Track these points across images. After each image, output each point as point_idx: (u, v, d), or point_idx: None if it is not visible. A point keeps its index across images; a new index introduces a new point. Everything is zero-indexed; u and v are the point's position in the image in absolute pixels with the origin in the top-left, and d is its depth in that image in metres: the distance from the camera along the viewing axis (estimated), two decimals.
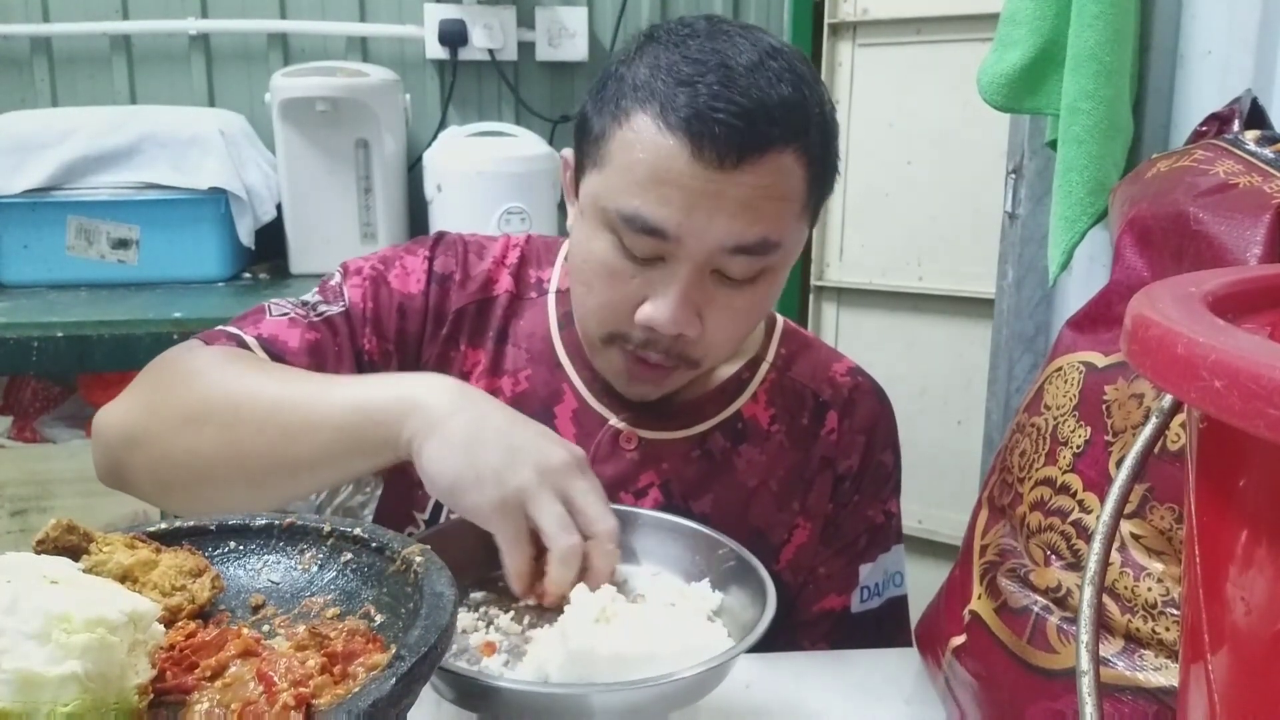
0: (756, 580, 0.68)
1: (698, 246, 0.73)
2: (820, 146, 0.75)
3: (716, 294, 0.76)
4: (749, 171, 0.71)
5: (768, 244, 0.74)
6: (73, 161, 1.75)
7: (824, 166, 0.77)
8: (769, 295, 0.80)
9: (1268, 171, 0.61)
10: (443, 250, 0.90)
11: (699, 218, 0.72)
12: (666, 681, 0.58)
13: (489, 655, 0.67)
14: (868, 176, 2.06)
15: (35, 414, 1.99)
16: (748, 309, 0.79)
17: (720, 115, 0.70)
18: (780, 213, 0.74)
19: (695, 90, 0.71)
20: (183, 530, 0.60)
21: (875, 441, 0.91)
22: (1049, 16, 1.05)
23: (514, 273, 0.91)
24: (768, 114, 0.71)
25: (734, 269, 0.75)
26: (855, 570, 0.90)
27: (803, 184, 0.75)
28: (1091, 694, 0.42)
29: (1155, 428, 0.43)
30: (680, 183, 0.71)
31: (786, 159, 0.73)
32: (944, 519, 2.06)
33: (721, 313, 0.77)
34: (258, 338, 0.83)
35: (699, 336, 0.77)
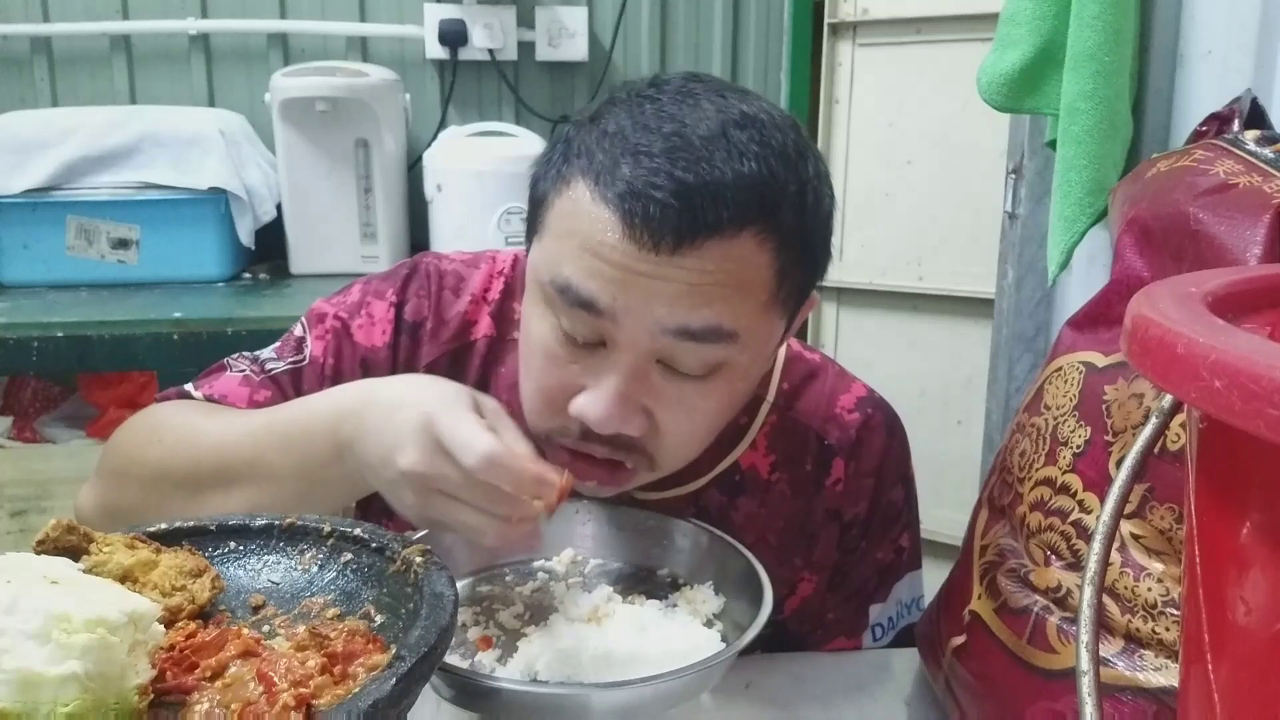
0: (758, 584, 0.68)
1: (636, 328, 0.64)
2: (795, 229, 0.65)
3: (666, 388, 0.66)
4: (690, 256, 0.62)
5: (720, 332, 0.64)
6: (73, 161, 1.75)
7: (801, 251, 0.66)
8: (732, 394, 0.69)
9: (1268, 171, 0.61)
10: (415, 290, 0.83)
11: (634, 298, 0.63)
12: (665, 681, 0.58)
13: (485, 650, 0.67)
14: (868, 176, 2.06)
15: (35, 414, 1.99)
16: (705, 409, 0.68)
17: (657, 194, 0.61)
18: (735, 301, 0.64)
19: (637, 162, 0.62)
20: (183, 530, 0.60)
21: (884, 482, 0.84)
22: (1049, 16, 1.05)
23: (495, 311, 0.83)
24: (715, 194, 0.61)
25: (683, 360, 0.65)
26: (865, 613, 0.85)
27: (769, 271, 0.65)
28: (1091, 694, 0.42)
29: (1155, 428, 0.43)
30: (613, 259, 0.63)
31: (743, 245, 0.63)
32: (944, 519, 2.06)
33: (674, 410, 0.67)
34: (208, 396, 0.80)
35: (648, 432, 0.68)
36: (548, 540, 0.79)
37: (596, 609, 0.68)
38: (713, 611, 0.70)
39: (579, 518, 0.80)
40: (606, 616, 0.67)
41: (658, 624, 0.66)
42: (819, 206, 0.67)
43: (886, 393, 0.94)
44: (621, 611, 0.68)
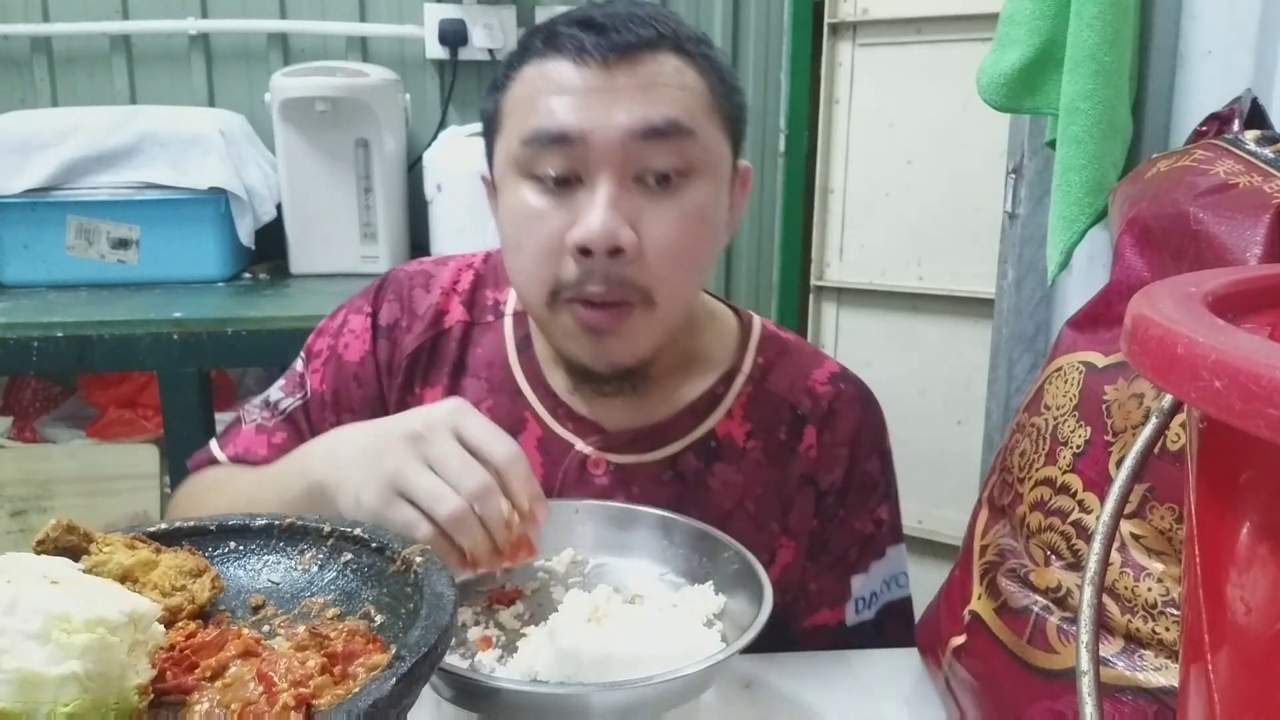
0: (758, 584, 0.68)
1: (607, 141, 0.72)
2: (710, 64, 0.77)
3: (645, 204, 0.74)
4: (636, 63, 0.73)
5: (679, 126, 0.73)
6: (73, 161, 1.75)
7: (720, 83, 0.77)
8: (703, 207, 0.76)
9: (1268, 171, 0.61)
10: (387, 296, 0.89)
11: (597, 112, 0.72)
12: (664, 680, 0.58)
13: (485, 650, 0.67)
14: (868, 176, 2.06)
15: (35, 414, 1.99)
16: (681, 218, 0.74)
17: (593, 25, 0.73)
18: (683, 100, 0.74)
19: (568, 21, 0.75)
20: (183, 530, 0.60)
21: (859, 451, 0.88)
22: (1048, 16, 1.05)
23: (466, 299, 0.89)
24: (640, 20, 0.74)
25: (654, 161, 0.73)
26: (847, 583, 0.88)
27: (700, 84, 0.75)
28: (1091, 694, 0.42)
29: (1155, 428, 0.43)
30: (570, 88, 0.73)
31: (672, 59, 0.74)
32: (944, 519, 2.06)
33: (656, 224, 0.74)
34: (232, 456, 0.88)
35: (637, 253, 0.73)
36: (548, 540, 0.79)
37: (596, 609, 0.68)
38: (713, 611, 0.70)
39: (579, 518, 0.80)
40: (606, 616, 0.67)
41: (658, 624, 0.66)
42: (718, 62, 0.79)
43: (886, 392, 0.95)
44: (621, 612, 0.68)
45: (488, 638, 0.69)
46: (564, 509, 0.80)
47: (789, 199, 2.22)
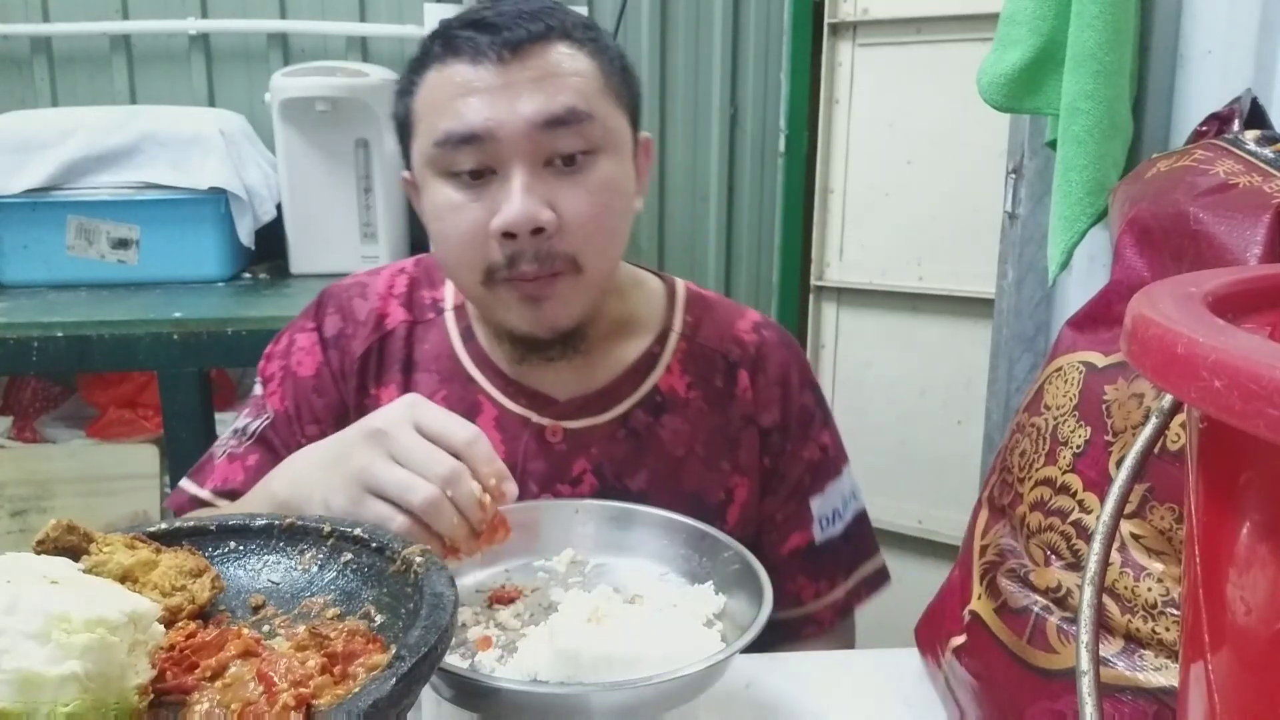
0: (758, 584, 0.68)
1: (513, 134, 0.77)
2: (594, 44, 0.82)
3: (559, 184, 0.79)
4: (529, 57, 0.78)
5: (578, 113, 0.78)
6: (73, 161, 1.75)
7: (610, 64, 0.83)
8: (611, 180, 0.82)
9: (1268, 171, 0.61)
10: (328, 310, 0.94)
11: (501, 108, 0.77)
12: (664, 681, 0.58)
13: (485, 650, 0.67)
14: (868, 176, 2.06)
15: (35, 414, 1.99)
16: (592, 191, 0.80)
17: (485, 25, 0.79)
18: (578, 86, 0.79)
19: (462, 24, 0.80)
20: (183, 530, 0.60)
21: (790, 389, 0.95)
22: (1049, 16, 1.05)
23: (405, 301, 0.94)
24: (528, 15, 0.79)
25: (560, 146, 0.79)
26: (807, 506, 0.94)
27: (592, 68, 0.81)
28: (1091, 694, 0.42)
29: (1155, 428, 0.43)
30: (472, 89, 0.78)
31: (564, 47, 0.80)
32: (944, 519, 2.06)
33: (570, 200, 0.79)
34: (213, 491, 0.90)
35: (558, 228, 0.79)
36: (548, 540, 0.79)
37: (596, 609, 0.68)
38: (713, 611, 0.70)
39: (579, 518, 0.80)
40: (606, 616, 0.67)
41: (658, 624, 0.66)
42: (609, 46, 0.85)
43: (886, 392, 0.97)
44: (621, 612, 0.68)
45: (487, 638, 0.69)
46: (564, 509, 0.80)
47: (789, 199, 2.22)
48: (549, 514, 0.80)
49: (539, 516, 0.80)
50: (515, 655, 0.66)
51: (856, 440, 2.12)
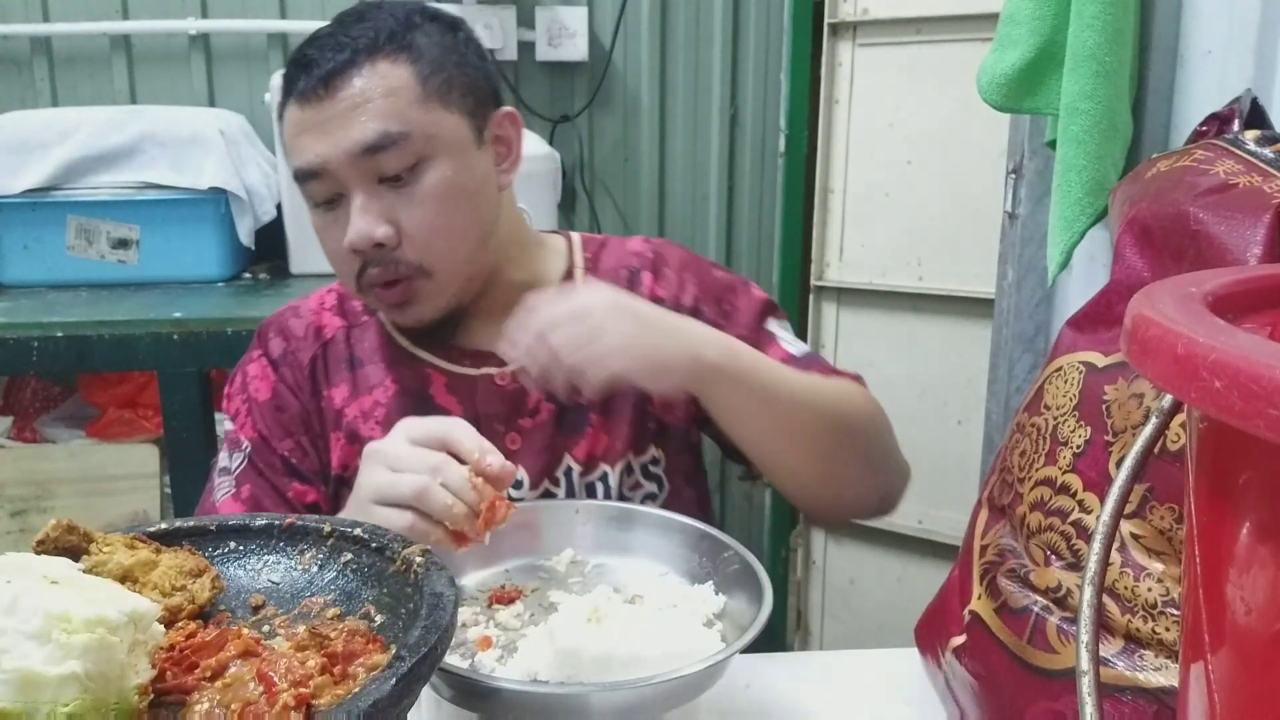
0: (757, 584, 0.68)
1: (341, 163, 0.84)
2: (409, 50, 0.86)
3: (394, 199, 0.86)
4: (339, 89, 0.84)
5: (389, 136, 0.84)
6: (73, 161, 1.75)
7: (438, 63, 0.87)
8: (446, 183, 0.87)
9: (1268, 171, 0.61)
10: (269, 336, 1.00)
11: (325, 143, 0.84)
12: (664, 681, 0.58)
13: (484, 650, 0.67)
14: (868, 176, 2.06)
15: (35, 414, 1.99)
16: (426, 200, 0.86)
17: (302, 65, 0.85)
18: (388, 109, 0.84)
19: (292, 63, 0.87)
20: (183, 530, 0.60)
21: (692, 271, 1.00)
22: (1048, 16, 1.05)
23: (337, 311, 1.00)
24: (336, 46, 0.85)
25: (384, 167, 0.84)
26: (766, 327, 0.99)
27: (408, 78, 0.85)
28: (1091, 694, 0.42)
29: (1155, 428, 0.43)
30: (304, 128, 0.85)
31: (378, 68, 0.85)
32: (944, 519, 2.06)
33: (408, 213, 0.86)
34: None
35: (397, 241, 0.86)
36: (548, 540, 0.79)
37: (596, 609, 0.68)
38: (713, 612, 0.70)
39: (579, 518, 0.80)
40: (606, 617, 0.67)
41: (657, 624, 0.66)
42: (432, 40, 0.88)
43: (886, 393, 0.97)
44: (621, 612, 0.68)
45: (488, 638, 0.69)
46: (564, 509, 0.81)
47: (789, 199, 2.22)
48: (549, 514, 0.80)
49: (539, 517, 0.80)
50: (515, 655, 0.66)
51: None
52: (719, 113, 2.24)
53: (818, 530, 2.25)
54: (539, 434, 0.93)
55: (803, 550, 2.29)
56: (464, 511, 0.68)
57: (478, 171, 0.90)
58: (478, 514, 0.69)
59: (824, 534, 2.24)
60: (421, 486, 0.68)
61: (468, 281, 0.91)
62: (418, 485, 0.69)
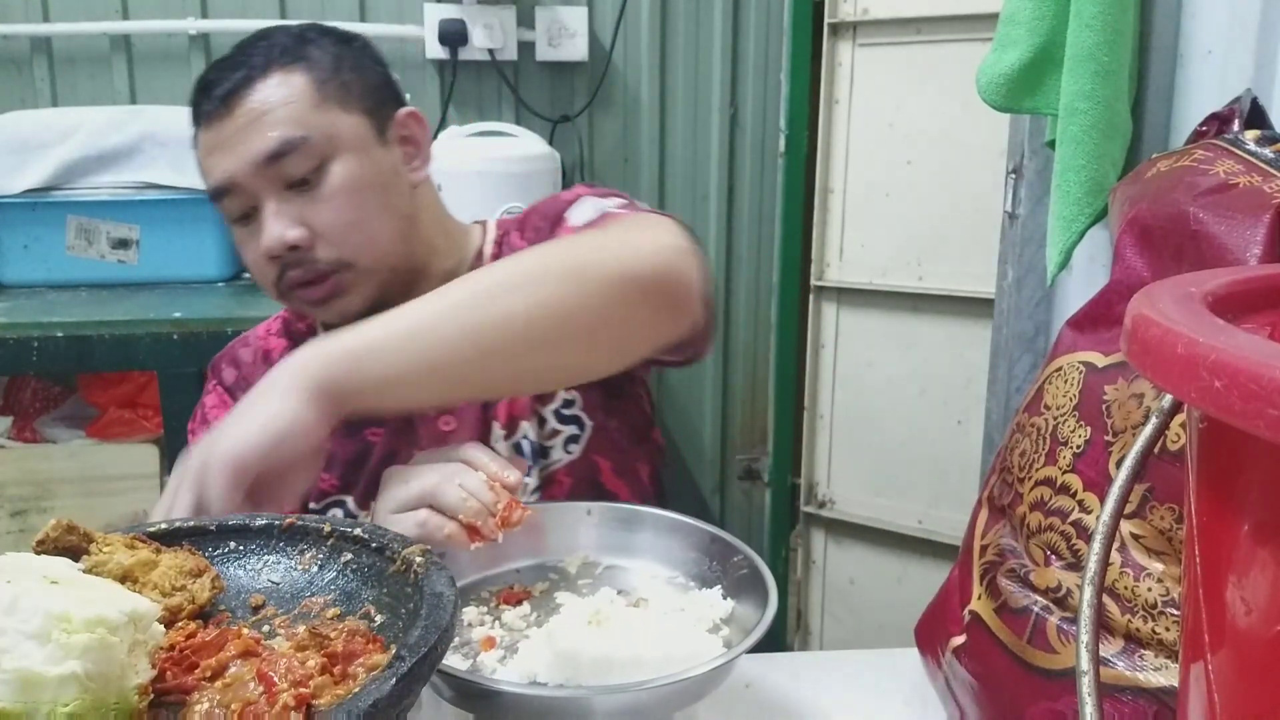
0: (765, 590, 0.67)
1: (248, 176, 0.88)
2: (303, 61, 0.90)
3: (303, 202, 0.89)
4: (238, 105, 0.88)
5: (289, 143, 0.87)
6: (73, 161, 1.75)
7: (332, 69, 0.91)
8: (351, 180, 0.89)
9: (1268, 171, 0.61)
10: (221, 368, 1.03)
11: (230, 159, 0.88)
12: (664, 684, 0.58)
13: (488, 650, 0.67)
14: (868, 176, 2.06)
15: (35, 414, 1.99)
16: (334, 197, 0.89)
17: (205, 85, 0.90)
18: (286, 116, 0.87)
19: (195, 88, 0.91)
20: (183, 530, 0.60)
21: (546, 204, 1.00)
22: (1048, 17, 1.04)
23: (282, 333, 1.04)
24: (232, 65, 0.89)
25: (289, 172, 0.88)
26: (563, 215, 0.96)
27: (303, 85, 0.89)
28: (1091, 694, 0.42)
29: (1155, 428, 0.43)
30: (211, 149, 0.90)
31: (274, 80, 0.88)
32: (944, 519, 2.06)
33: (318, 213, 0.89)
34: None
35: (312, 241, 0.89)
36: (559, 542, 0.79)
37: (598, 612, 0.68)
38: (720, 616, 0.70)
39: (590, 519, 0.80)
40: (608, 620, 0.67)
41: (659, 628, 0.66)
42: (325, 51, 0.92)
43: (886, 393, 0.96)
44: (622, 615, 0.68)
45: (491, 638, 0.69)
46: (575, 510, 0.80)
47: (789, 199, 2.22)
48: (561, 516, 0.80)
49: (550, 518, 0.80)
50: (516, 656, 0.66)
51: (856, 440, 2.13)
52: (719, 113, 2.24)
53: (818, 530, 2.25)
54: (468, 410, 0.95)
55: (803, 550, 2.29)
56: (478, 506, 0.70)
57: (383, 167, 0.93)
58: (493, 513, 0.70)
59: (824, 534, 2.25)
60: (434, 483, 0.71)
61: (391, 273, 0.92)
62: (430, 483, 0.71)
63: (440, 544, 0.69)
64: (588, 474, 0.96)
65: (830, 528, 2.23)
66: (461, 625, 0.70)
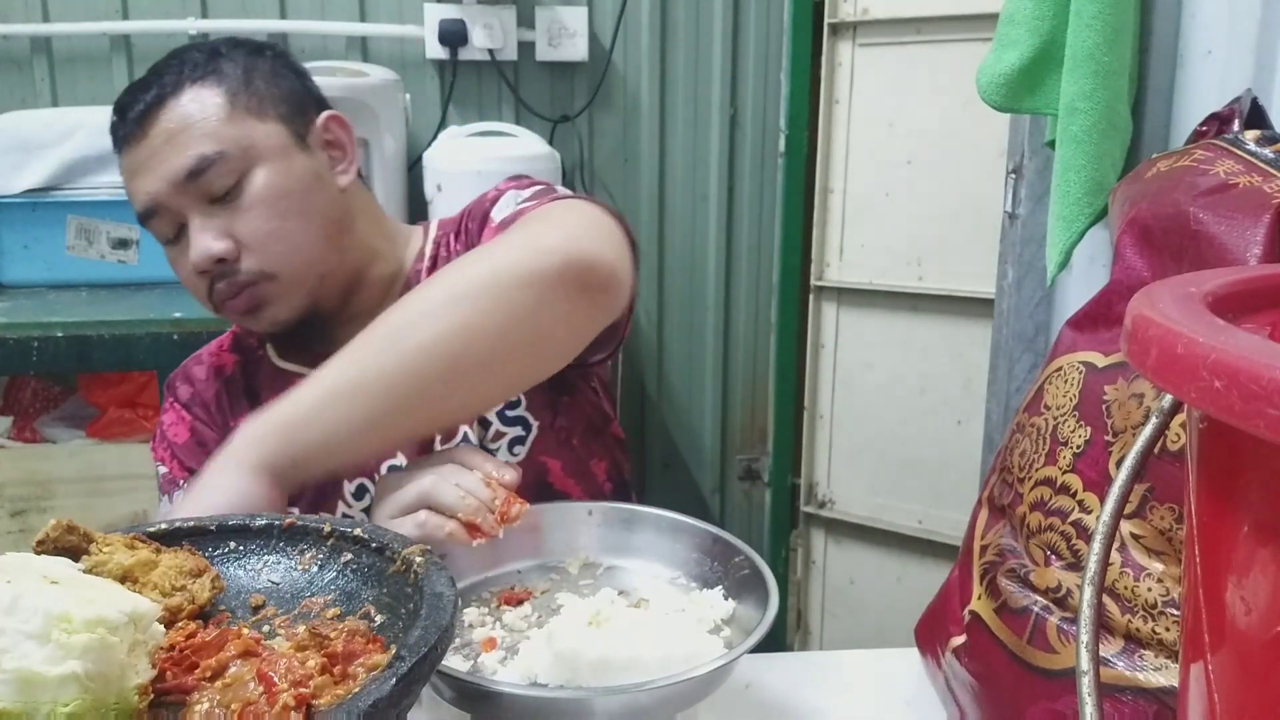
0: (766, 590, 0.67)
1: (170, 195, 0.88)
2: (215, 75, 0.90)
3: (227, 214, 0.89)
4: (153, 125, 0.88)
5: (206, 159, 0.87)
6: (73, 161, 1.75)
7: (243, 84, 0.91)
8: (273, 188, 0.89)
9: (1268, 171, 0.61)
10: (176, 385, 1.03)
11: (150, 181, 0.88)
12: (663, 685, 0.58)
13: (489, 651, 0.67)
14: (868, 176, 2.06)
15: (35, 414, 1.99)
16: (255, 207, 0.89)
17: (121, 108, 0.90)
18: (201, 131, 0.88)
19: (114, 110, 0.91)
20: (183, 530, 0.60)
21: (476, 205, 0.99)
22: (1048, 17, 1.04)
23: (232, 348, 1.04)
24: (146, 84, 0.89)
25: (210, 187, 0.88)
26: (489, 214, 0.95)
27: (218, 99, 0.89)
28: (1091, 694, 0.42)
29: (1155, 428, 0.43)
30: (132, 172, 0.90)
31: (186, 98, 0.89)
32: (944, 519, 2.06)
33: (243, 224, 0.89)
34: None
35: (238, 253, 0.89)
36: (560, 542, 0.79)
37: (598, 613, 0.68)
38: (721, 617, 0.70)
39: (591, 520, 0.80)
40: (608, 620, 0.67)
41: (659, 629, 0.66)
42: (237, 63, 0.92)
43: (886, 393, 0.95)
44: (623, 616, 0.68)
45: (492, 639, 0.69)
46: (577, 510, 0.80)
47: (789, 199, 2.22)
48: (562, 516, 0.80)
49: (552, 518, 0.80)
50: (516, 657, 0.66)
51: (856, 440, 2.13)
52: (719, 113, 2.24)
53: (818, 530, 2.25)
54: None
55: (803, 550, 2.29)
56: (476, 504, 0.70)
57: (305, 174, 0.92)
58: (492, 510, 0.71)
59: (824, 534, 2.25)
60: (431, 484, 0.72)
61: (320, 280, 0.92)
62: (427, 484, 0.72)
63: (441, 543, 0.69)
64: (535, 475, 0.93)
65: (830, 528, 2.23)
66: (463, 626, 0.70)
